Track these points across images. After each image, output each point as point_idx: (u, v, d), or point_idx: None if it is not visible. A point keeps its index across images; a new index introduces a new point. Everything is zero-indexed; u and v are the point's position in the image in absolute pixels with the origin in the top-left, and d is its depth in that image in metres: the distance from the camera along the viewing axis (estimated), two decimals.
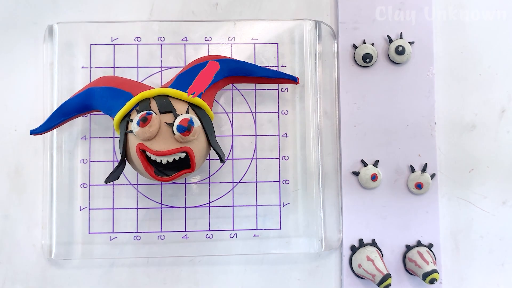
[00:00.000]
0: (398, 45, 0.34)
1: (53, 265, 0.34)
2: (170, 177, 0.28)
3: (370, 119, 0.35)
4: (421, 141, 0.35)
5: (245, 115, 0.34)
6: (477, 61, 0.36)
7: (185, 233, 0.34)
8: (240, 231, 0.34)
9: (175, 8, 0.36)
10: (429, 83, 0.35)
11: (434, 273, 0.31)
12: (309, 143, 0.34)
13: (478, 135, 0.35)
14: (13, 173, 0.34)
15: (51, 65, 0.34)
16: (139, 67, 0.34)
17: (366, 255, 0.33)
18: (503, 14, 0.36)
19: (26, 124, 0.34)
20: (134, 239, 0.33)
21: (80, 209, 0.33)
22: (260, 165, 0.34)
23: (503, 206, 0.35)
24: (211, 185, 0.34)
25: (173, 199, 0.34)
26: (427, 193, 0.34)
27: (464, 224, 0.35)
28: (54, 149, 0.33)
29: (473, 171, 0.35)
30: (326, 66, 0.35)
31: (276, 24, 0.35)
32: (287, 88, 0.35)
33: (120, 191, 0.34)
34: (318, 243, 0.34)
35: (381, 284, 0.31)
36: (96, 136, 0.34)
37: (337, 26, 0.36)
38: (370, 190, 0.34)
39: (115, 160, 0.34)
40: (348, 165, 0.35)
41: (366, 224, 0.34)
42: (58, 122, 0.31)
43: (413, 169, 0.34)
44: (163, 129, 0.28)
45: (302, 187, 0.34)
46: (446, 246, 0.35)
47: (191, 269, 0.34)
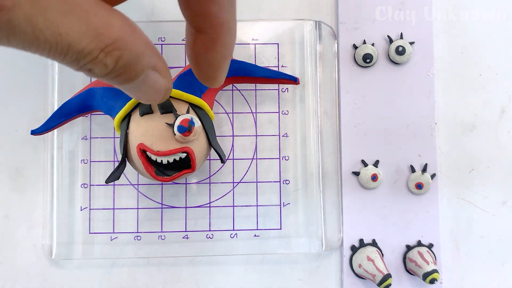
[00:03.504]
0: (398, 45, 0.34)
1: (54, 265, 0.34)
2: (171, 177, 0.28)
3: (370, 119, 0.35)
4: (421, 141, 0.35)
5: (245, 115, 0.34)
6: (477, 61, 0.36)
7: (185, 233, 0.34)
8: (240, 231, 0.34)
9: (176, 8, 0.36)
10: (429, 83, 0.35)
11: (434, 273, 0.31)
12: (310, 143, 0.34)
13: (478, 135, 0.35)
14: (13, 173, 0.34)
15: (52, 65, 0.34)
16: None
17: (367, 255, 0.33)
18: (503, 14, 0.36)
19: (26, 124, 0.34)
20: (135, 239, 0.33)
21: (81, 209, 0.33)
22: (260, 165, 0.34)
23: (503, 206, 0.35)
24: (211, 185, 0.34)
25: (174, 199, 0.34)
26: (427, 193, 0.34)
27: (464, 224, 0.35)
28: (55, 149, 0.33)
29: (473, 171, 0.35)
30: (327, 66, 0.35)
31: (277, 24, 0.35)
32: (287, 88, 0.35)
33: (120, 191, 0.34)
34: (318, 243, 0.34)
35: (382, 284, 0.31)
36: (97, 136, 0.34)
37: (337, 26, 0.36)
38: (371, 190, 0.34)
39: (115, 160, 0.34)
40: (348, 165, 0.35)
41: (366, 224, 0.34)
42: (59, 122, 0.31)
43: (413, 169, 0.34)
44: (163, 129, 0.28)
45: (302, 187, 0.34)
46: (446, 246, 0.35)
47: (192, 269, 0.34)
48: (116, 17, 0.16)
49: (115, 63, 0.16)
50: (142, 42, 0.17)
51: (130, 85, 0.18)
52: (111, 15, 0.16)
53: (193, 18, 0.19)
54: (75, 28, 0.14)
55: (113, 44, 0.15)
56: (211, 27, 0.19)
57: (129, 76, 0.17)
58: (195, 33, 0.19)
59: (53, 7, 0.14)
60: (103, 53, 0.15)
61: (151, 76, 0.18)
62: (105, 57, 0.15)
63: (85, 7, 0.15)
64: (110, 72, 0.16)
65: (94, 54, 0.15)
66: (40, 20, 0.14)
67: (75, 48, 0.15)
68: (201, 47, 0.20)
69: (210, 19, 0.18)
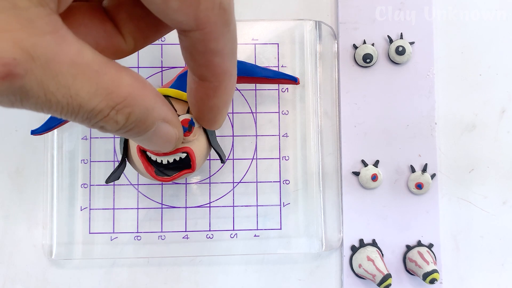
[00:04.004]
0: (399, 45, 0.34)
1: (54, 265, 0.34)
2: (171, 177, 0.28)
3: (370, 119, 0.35)
4: (421, 141, 0.35)
5: (245, 115, 0.34)
6: (477, 61, 0.36)
7: (185, 233, 0.34)
8: (240, 231, 0.34)
9: None
10: (429, 83, 0.35)
11: (435, 273, 0.31)
12: (310, 143, 0.34)
13: (478, 135, 0.35)
14: (13, 173, 0.34)
15: None
16: (140, 67, 0.34)
17: (367, 255, 0.33)
18: (503, 14, 0.36)
19: (26, 124, 0.34)
20: (135, 239, 0.33)
21: (81, 209, 0.33)
22: (260, 165, 0.34)
23: (503, 206, 0.35)
24: (211, 185, 0.34)
25: (174, 199, 0.34)
26: (427, 193, 0.34)
27: (464, 224, 0.35)
28: (55, 149, 0.33)
29: (473, 171, 0.35)
30: (327, 66, 0.35)
31: (277, 24, 0.35)
32: (287, 88, 0.35)
33: (120, 191, 0.34)
34: (318, 243, 0.34)
35: (382, 284, 0.31)
36: (97, 136, 0.34)
37: (337, 26, 0.36)
38: (371, 190, 0.34)
39: (115, 160, 0.34)
40: (348, 165, 0.35)
41: (366, 224, 0.34)
42: (59, 122, 0.31)
43: (414, 169, 0.34)
44: None
45: (302, 187, 0.34)
46: (446, 246, 0.35)
47: (192, 269, 0.34)
48: (126, 75, 0.16)
49: (126, 119, 0.16)
50: (152, 96, 0.17)
51: (142, 138, 0.18)
52: (120, 73, 0.16)
53: (197, 68, 0.20)
54: (85, 88, 0.15)
55: (124, 101, 0.16)
56: (213, 76, 0.19)
57: (141, 130, 0.18)
58: (198, 81, 0.20)
59: (64, 70, 0.14)
60: (114, 111, 0.16)
61: (162, 128, 0.19)
62: (116, 114, 0.16)
63: (95, 68, 0.15)
64: (121, 128, 0.17)
65: (105, 113, 0.16)
66: (52, 84, 0.14)
67: (85, 108, 0.15)
68: (204, 93, 0.20)
69: (213, 69, 0.19)
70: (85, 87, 0.15)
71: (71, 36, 0.15)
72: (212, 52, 0.18)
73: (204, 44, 0.18)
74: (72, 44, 0.15)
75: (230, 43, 0.19)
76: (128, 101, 0.16)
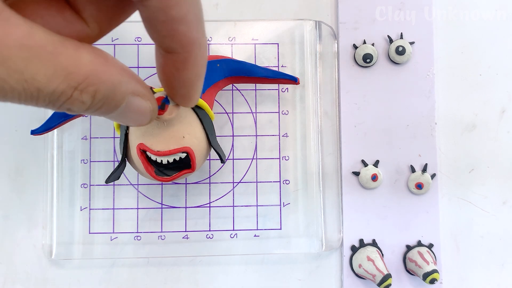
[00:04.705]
0: (399, 45, 0.34)
1: (54, 265, 0.34)
2: (171, 177, 0.28)
3: (370, 119, 0.35)
4: (421, 141, 0.35)
5: (245, 115, 0.34)
6: (477, 61, 0.36)
7: (185, 233, 0.34)
8: (240, 231, 0.34)
9: None
10: (429, 83, 0.35)
11: (435, 273, 0.31)
12: (310, 143, 0.34)
13: (478, 135, 0.35)
14: (13, 173, 0.34)
15: None
16: (139, 67, 0.34)
17: (367, 255, 0.33)
18: (503, 14, 0.36)
19: (26, 124, 0.34)
20: (135, 239, 0.33)
21: (81, 209, 0.33)
22: (260, 165, 0.34)
23: (503, 206, 0.35)
24: (211, 185, 0.34)
25: (174, 199, 0.34)
26: (427, 193, 0.34)
27: (464, 224, 0.35)
28: (55, 149, 0.33)
29: (473, 171, 0.35)
30: (327, 66, 0.35)
31: (277, 24, 0.35)
32: (287, 88, 0.35)
33: (120, 191, 0.34)
34: (318, 243, 0.34)
35: (382, 284, 0.31)
36: (97, 136, 0.34)
37: (337, 26, 0.36)
38: (371, 190, 0.34)
39: (115, 160, 0.34)
40: (348, 165, 0.35)
41: (366, 224, 0.34)
42: (59, 122, 0.31)
43: (414, 169, 0.34)
44: (163, 129, 0.28)
45: (302, 187, 0.34)
46: (446, 246, 0.35)
47: (192, 269, 0.34)
48: (86, 52, 0.15)
49: (92, 98, 0.16)
50: (117, 71, 0.17)
51: (114, 114, 0.17)
52: (79, 51, 0.15)
53: (162, 40, 0.18)
54: (42, 71, 0.14)
55: (86, 80, 0.15)
56: (180, 47, 0.18)
57: (110, 107, 0.17)
58: (165, 54, 0.19)
59: (13, 54, 0.14)
60: (77, 91, 0.15)
61: (133, 102, 0.18)
62: (81, 94, 0.15)
63: (49, 49, 0.14)
64: (90, 107, 0.16)
65: (68, 94, 0.15)
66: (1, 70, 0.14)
67: (45, 91, 0.15)
68: (173, 67, 0.19)
69: (179, 38, 0.18)
70: (42, 70, 0.14)
71: (17, 18, 0.14)
72: (175, 20, 0.17)
73: (164, 12, 0.16)
74: (19, 26, 0.14)
75: (194, 8, 0.17)
76: (90, 79, 0.15)
